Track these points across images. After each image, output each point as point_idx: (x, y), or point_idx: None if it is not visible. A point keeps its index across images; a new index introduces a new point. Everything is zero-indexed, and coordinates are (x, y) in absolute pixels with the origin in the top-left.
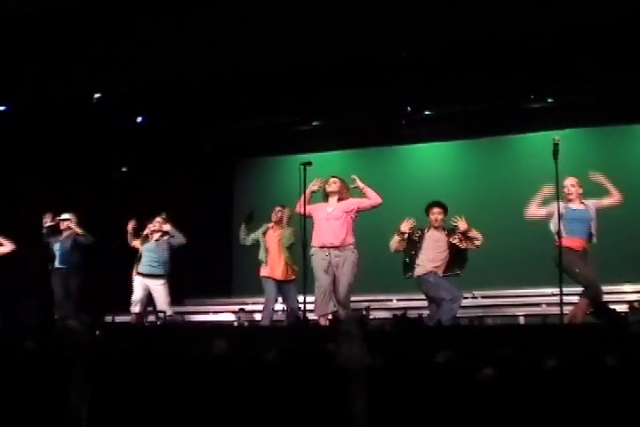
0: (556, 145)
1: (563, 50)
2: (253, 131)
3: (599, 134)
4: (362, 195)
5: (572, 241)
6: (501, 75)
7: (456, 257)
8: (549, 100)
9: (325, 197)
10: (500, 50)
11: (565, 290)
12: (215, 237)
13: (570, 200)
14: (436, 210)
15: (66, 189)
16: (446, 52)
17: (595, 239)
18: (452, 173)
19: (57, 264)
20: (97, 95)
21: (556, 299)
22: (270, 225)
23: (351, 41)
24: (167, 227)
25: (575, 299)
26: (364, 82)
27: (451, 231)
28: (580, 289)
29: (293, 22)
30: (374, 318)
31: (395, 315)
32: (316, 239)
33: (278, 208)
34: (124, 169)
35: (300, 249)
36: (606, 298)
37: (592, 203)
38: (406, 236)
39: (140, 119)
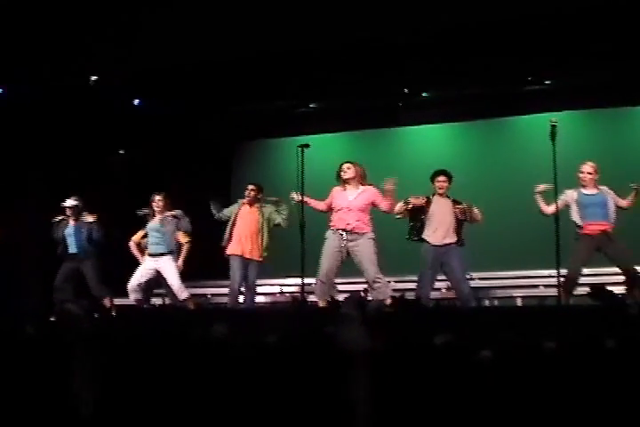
0: (553, 127)
1: (560, 32)
2: (251, 114)
3: (596, 116)
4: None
5: (588, 226)
6: (499, 57)
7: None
8: (546, 83)
9: (342, 182)
10: (497, 32)
11: (563, 272)
12: (214, 220)
13: (583, 186)
14: (441, 178)
15: (63, 174)
16: (444, 34)
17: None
18: (450, 155)
19: (70, 250)
20: (94, 78)
21: (554, 280)
22: (242, 202)
23: (349, 24)
24: (177, 211)
25: None
26: (361, 65)
27: (454, 201)
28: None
29: (292, 6)
30: (372, 300)
31: (393, 297)
32: (335, 223)
33: (251, 187)
34: (121, 152)
35: (297, 231)
36: (604, 280)
37: (608, 190)
38: (410, 206)
39: (137, 102)
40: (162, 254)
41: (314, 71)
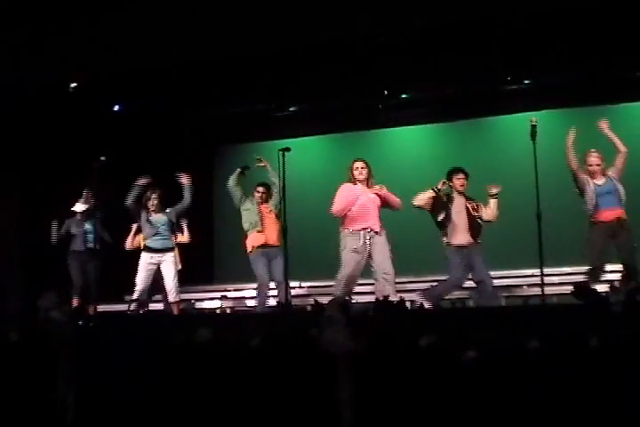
0: (533, 126)
1: (539, 32)
2: (231, 117)
3: (576, 115)
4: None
5: (601, 214)
6: (478, 57)
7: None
8: (526, 82)
9: (351, 179)
10: (476, 32)
11: (546, 271)
12: (196, 225)
13: (593, 176)
14: (460, 175)
15: (45, 179)
16: (423, 35)
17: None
18: (431, 156)
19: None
20: (73, 85)
21: (537, 280)
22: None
23: (328, 26)
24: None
25: (556, 279)
26: (340, 66)
27: (468, 199)
28: (560, 270)
29: (270, 8)
30: (357, 303)
31: (377, 299)
32: (361, 223)
33: (261, 189)
34: (102, 158)
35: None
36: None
37: (613, 172)
38: (438, 192)
39: (117, 108)
40: (169, 250)
41: (293, 74)
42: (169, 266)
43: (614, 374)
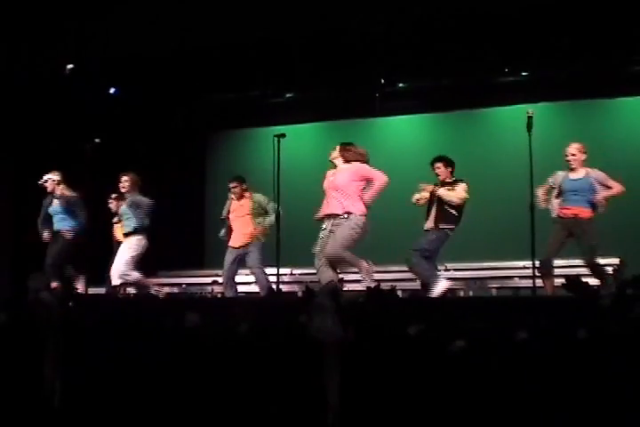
0: (529, 118)
1: (537, 24)
2: (226, 103)
3: (572, 108)
4: None
5: (562, 210)
6: (475, 48)
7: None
8: (523, 74)
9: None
10: (475, 23)
11: (538, 263)
12: (188, 210)
13: (572, 169)
14: (436, 165)
15: (38, 162)
16: (420, 25)
17: (601, 209)
18: (425, 146)
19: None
20: (70, 66)
21: (529, 272)
22: (231, 198)
23: (325, 14)
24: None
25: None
26: (337, 55)
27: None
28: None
29: None
30: (347, 291)
31: (368, 287)
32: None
33: (232, 184)
34: (97, 140)
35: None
36: (578, 271)
37: (598, 175)
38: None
39: (112, 90)
40: (128, 234)
41: (290, 60)
42: (121, 249)
43: (601, 366)
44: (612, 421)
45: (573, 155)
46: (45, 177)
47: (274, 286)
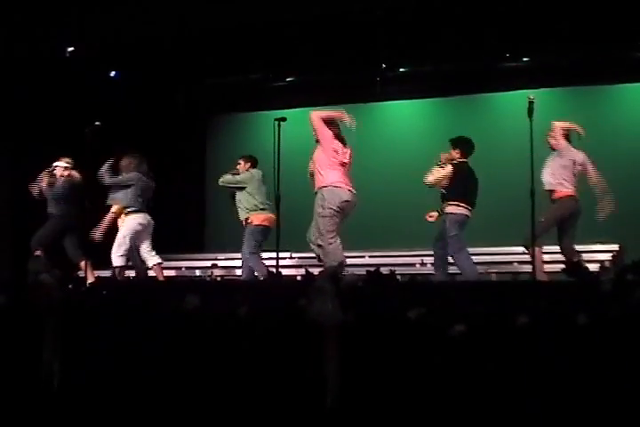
0: (530, 103)
1: (539, 10)
2: (227, 87)
3: (573, 94)
4: None
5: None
6: (477, 33)
7: None
8: (525, 60)
9: None
10: (476, 8)
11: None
12: (188, 193)
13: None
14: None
15: (38, 145)
16: (422, 9)
17: (546, 186)
18: (426, 130)
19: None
20: (70, 49)
21: (528, 257)
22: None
23: None
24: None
25: (547, 257)
26: (338, 38)
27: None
28: (551, 248)
29: None
30: (347, 274)
31: (368, 271)
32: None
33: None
34: (97, 123)
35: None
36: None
37: (576, 154)
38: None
39: (113, 74)
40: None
41: (291, 44)
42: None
43: (601, 350)
44: (612, 405)
45: (550, 134)
46: (56, 164)
47: (265, 271)
